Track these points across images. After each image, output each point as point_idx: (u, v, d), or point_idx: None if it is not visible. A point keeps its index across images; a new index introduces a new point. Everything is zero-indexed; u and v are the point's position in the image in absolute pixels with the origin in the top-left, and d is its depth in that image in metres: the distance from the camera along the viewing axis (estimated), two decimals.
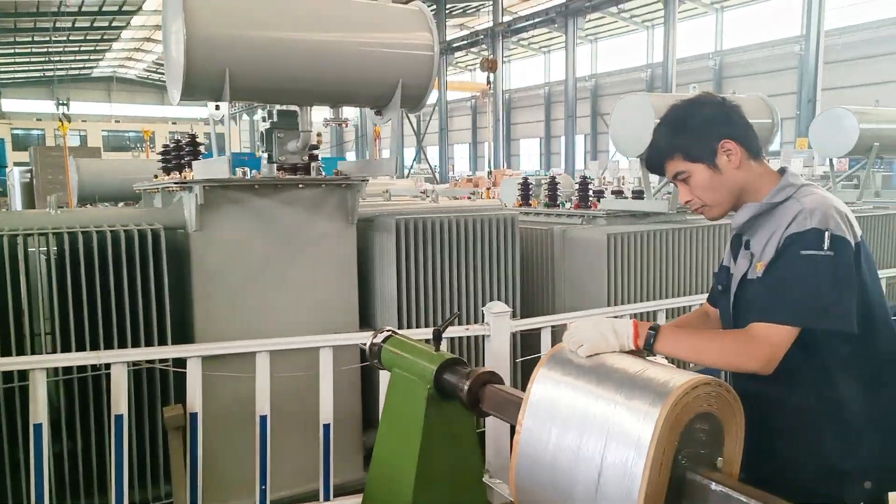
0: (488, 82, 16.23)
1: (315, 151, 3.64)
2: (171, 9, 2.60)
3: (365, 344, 2.40)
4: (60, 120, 14.19)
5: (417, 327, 3.67)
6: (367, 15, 2.94)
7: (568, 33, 23.27)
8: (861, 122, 4.78)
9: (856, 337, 1.48)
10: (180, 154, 3.53)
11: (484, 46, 26.92)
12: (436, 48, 3.00)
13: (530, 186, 5.18)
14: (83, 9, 27.45)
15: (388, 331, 2.37)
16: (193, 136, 3.48)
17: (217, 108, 2.74)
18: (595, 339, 1.53)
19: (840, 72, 23.63)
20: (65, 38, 30.44)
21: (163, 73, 2.97)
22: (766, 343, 1.42)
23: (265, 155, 3.21)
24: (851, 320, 1.43)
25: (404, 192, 7.07)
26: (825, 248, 1.42)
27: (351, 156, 37.43)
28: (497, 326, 3.25)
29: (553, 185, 4.94)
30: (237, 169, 3.31)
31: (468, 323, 3.76)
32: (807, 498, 1.47)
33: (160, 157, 3.86)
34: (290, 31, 2.74)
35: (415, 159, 30.55)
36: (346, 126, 3.75)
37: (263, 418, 2.94)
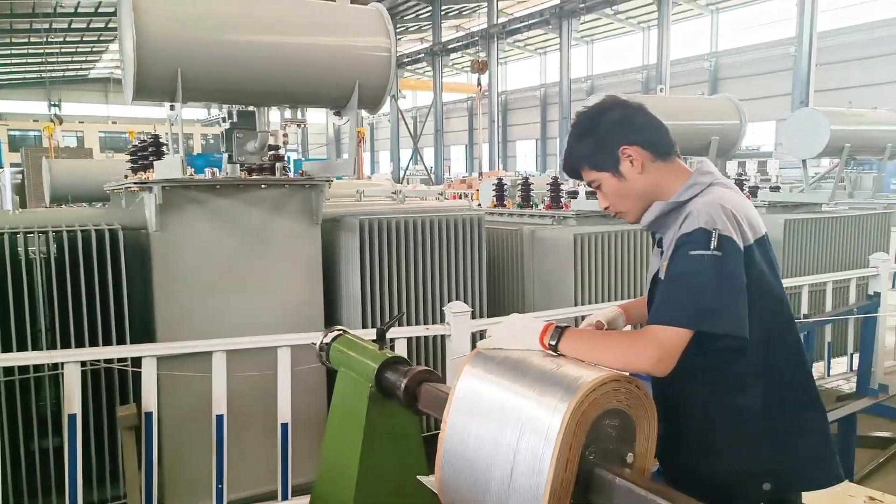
0: (479, 83, 16.24)
1: (280, 151, 3.66)
2: (124, 8, 2.61)
3: (314, 343, 2.42)
4: (52, 120, 14.20)
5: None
6: (322, 16, 2.95)
7: (562, 34, 23.25)
8: (832, 123, 4.79)
9: (750, 342, 1.47)
10: (145, 154, 3.54)
11: (479, 48, 26.95)
12: (393, 49, 3.01)
13: (505, 187, 5.19)
14: (79, 10, 27.46)
15: (338, 330, 2.39)
16: (156, 137, 3.49)
17: (172, 108, 2.75)
18: (504, 339, 1.55)
19: (834, 73, 23.64)
20: (61, 40, 30.45)
21: None
22: (656, 344, 1.41)
23: (226, 155, 3.22)
24: (740, 323, 1.41)
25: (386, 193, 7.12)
26: (712, 247, 1.40)
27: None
28: (457, 326, 3.26)
29: (526, 185, 4.95)
30: (206, 169, 3.32)
31: (433, 322, 3.77)
32: (712, 495, 1.49)
33: (128, 157, 3.87)
34: (243, 33, 2.75)
35: (410, 160, 30.60)
36: (304, 126, 3.75)
37: (220, 417, 2.95)
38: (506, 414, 1.51)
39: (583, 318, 3.74)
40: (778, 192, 5.44)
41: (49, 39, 28.63)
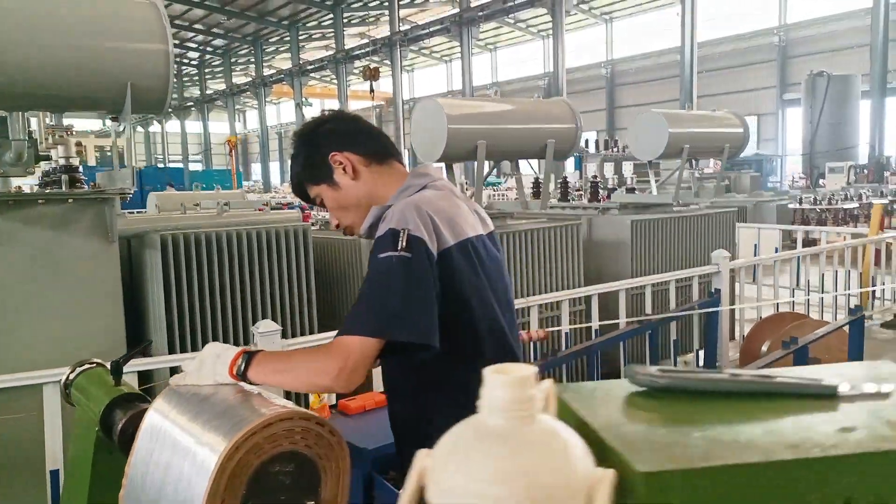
0: (371, 91, 16.07)
1: (73, 162, 3.29)
2: None
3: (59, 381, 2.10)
4: None
5: (194, 351, 3.37)
6: (80, 8, 2.62)
7: (463, 42, 23.47)
8: (671, 126, 4.92)
9: (454, 354, 1.36)
10: None
11: (383, 55, 26.78)
12: (170, 47, 2.72)
13: None
14: None
15: (91, 363, 2.08)
16: None
17: None
18: (194, 372, 1.39)
19: (716, 79, 25.15)
20: None
21: None
22: (338, 356, 1.27)
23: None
24: (427, 331, 1.29)
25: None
26: (399, 248, 1.30)
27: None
28: (265, 347, 3.01)
29: None
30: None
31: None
32: None
33: None
34: None
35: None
36: (71, 134, 3.39)
37: None
38: (173, 463, 1.31)
39: None
40: (633, 194, 5.53)
41: None
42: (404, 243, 1.31)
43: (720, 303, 4.68)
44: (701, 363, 4.85)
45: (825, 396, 0.65)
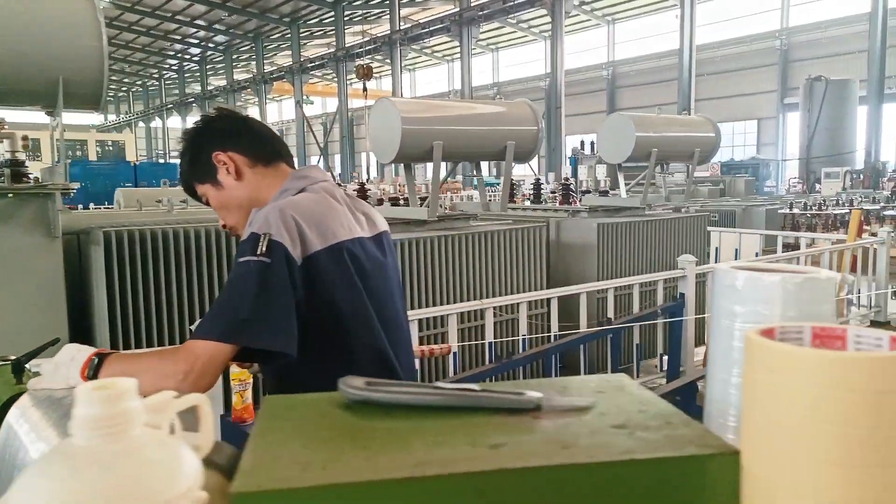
0: (364, 89, 16.03)
1: (20, 156, 3.28)
2: None
3: None
4: None
5: (137, 347, 3.35)
6: (12, 2, 2.60)
7: (463, 41, 23.43)
8: (638, 129, 4.87)
9: (325, 360, 1.35)
10: None
11: (383, 54, 26.77)
12: (104, 41, 2.70)
13: None
14: None
15: (6, 360, 2.06)
16: None
17: None
18: (49, 376, 1.36)
19: (717, 82, 25.04)
20: None
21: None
22: (186, 360, 1.24)
23: None
24: (284, 338, 1.27)
25: None
26: (258, 252, 1.28)
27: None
28: None
29: None
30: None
31: None
32: None
33: None
34: None
35: (317, 165, 29.79)
36: (4, 128, 3.39)
37: None
38: (16, 468, 1.28)
39: None
40: (606, 196, 5.48)
41: None
42: (264, 248, 1.29)
43: (685, 307, 4.63)
44: (665, 367, 4.80)
45: (528, 410, 0.62)
